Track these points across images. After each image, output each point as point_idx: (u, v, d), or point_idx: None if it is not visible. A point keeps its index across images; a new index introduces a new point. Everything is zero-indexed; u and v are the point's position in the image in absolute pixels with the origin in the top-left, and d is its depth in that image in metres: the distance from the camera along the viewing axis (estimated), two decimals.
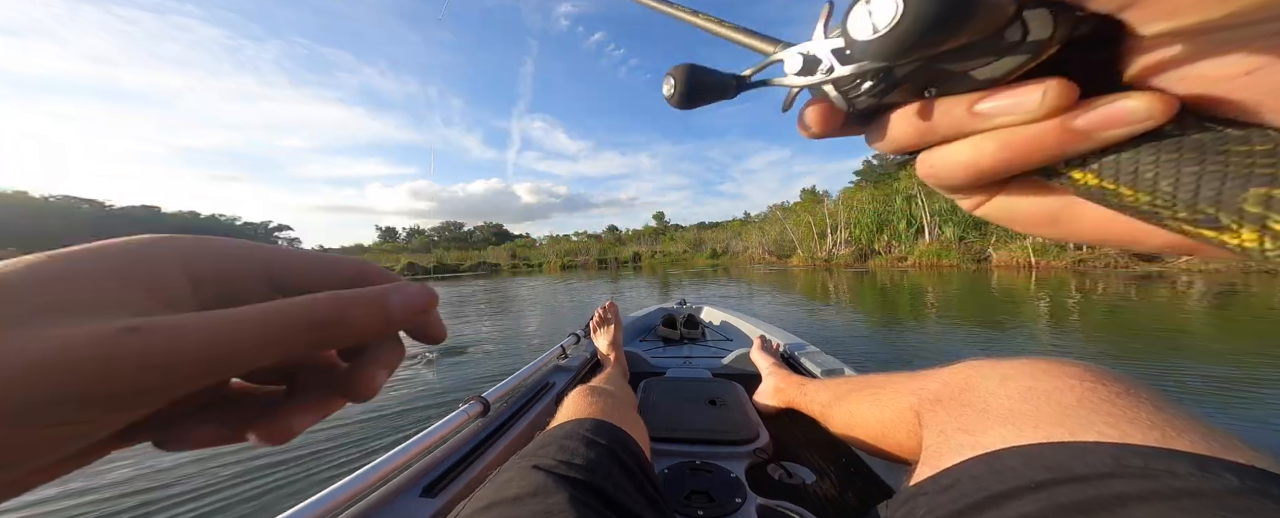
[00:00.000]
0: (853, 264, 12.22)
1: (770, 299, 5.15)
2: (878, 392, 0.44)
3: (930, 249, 10.40)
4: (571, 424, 0.42)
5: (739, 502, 0.46)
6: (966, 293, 5.21)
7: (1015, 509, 0.20)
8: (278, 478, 1.24)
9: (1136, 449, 0.20)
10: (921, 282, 6.65)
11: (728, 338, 1.32)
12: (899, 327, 3.19)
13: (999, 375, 0.30)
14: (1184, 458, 0.19)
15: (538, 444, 0.39)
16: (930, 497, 0.25)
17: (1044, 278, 6.74)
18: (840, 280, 7.61)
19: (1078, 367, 0.28)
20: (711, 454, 0.56)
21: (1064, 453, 0.21)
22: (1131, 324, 3.03)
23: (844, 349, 2.31)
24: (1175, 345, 2.37)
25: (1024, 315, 3.43)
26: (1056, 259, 7.93)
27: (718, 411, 0.67)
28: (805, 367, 0.90)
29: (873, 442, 0.45)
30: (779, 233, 18.09)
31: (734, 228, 25.86)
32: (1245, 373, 1.83)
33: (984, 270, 8.44)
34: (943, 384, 0.34)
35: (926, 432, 0.32)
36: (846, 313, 3.88)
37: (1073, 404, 0.24)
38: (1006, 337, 2.76)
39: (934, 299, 4.69)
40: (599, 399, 0.49)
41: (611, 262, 26.50)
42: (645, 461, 0.42)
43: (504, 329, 3.79)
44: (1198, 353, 2.22)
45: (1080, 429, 0.22)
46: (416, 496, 0.46)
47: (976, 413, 0.28)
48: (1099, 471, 0.20)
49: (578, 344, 1.06)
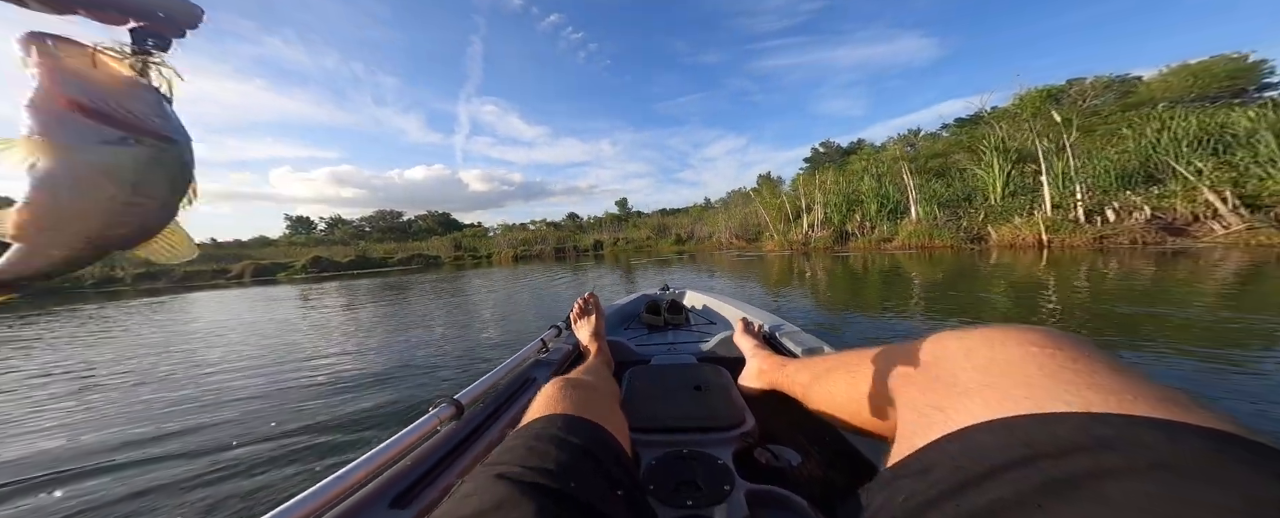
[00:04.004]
0: (832, 248, 10.92)
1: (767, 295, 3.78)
2: (853, 370, 0.45)
3: (919, 230, 9.11)
4: (542, 422, 0.39)
5: (728, 489, 0.46)
6: (971, 276, 4.30)
7: (994, 492, 0.20)
8: (229, 491, 1.10)
9: (1102, 418, 0.20)
10: (913, 265, 5.69)
11: (712, 322, 1.32)
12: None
13: (963, 348, 0.30)
14: (1149, 425, 0.19)
15: (505, 448, 0.36)
16: (909, 481, 0.25)
17: (1058, 257, 5.54)
18: (832, 267, 6.31)
19: (1033, 332, 0.29)
20: (699, 442, 0.55)
21: (1035, 426, 0.22)
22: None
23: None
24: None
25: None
26: (1072, 236, 6.73)
27: (704, 397, 0.67)
28: (786, 347, 0.90)
29: (852, 420, 0.46)
30: (744, 216, 16.96)
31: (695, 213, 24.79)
32: None
33: (983, 251, 7.22)
34: (912, 358, 0.35)
35: (900, 409, 0.33)
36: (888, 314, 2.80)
37: (1035, 372, 0.25)
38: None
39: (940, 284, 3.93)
40: (574, 392, 0.46)
41: (571, 250, 24.50)
42: (626, 458, 0.40)
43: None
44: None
45: (1046, 398, 0.23)
46: (385, 507, 0.43)
47: (946, 387, 0.29)
48: (1071, 444, 0.20)
49: (559, 337, 1.04)
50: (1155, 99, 13.25)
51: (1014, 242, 7.47)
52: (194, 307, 7.45)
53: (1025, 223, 7.52)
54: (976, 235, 8.23)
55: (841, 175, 13.87)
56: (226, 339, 3.60)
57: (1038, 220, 7.27)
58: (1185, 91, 13.96)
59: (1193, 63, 15.15)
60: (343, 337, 3.34)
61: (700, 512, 0.43)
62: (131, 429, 1.61)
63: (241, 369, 2.46)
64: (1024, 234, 7.36)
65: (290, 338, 3.45)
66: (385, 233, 51.81)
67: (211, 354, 2.98)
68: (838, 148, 26.44)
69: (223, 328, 4.34)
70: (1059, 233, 6.91)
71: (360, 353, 2.67)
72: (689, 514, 0.43)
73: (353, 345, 2.96)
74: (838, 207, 12.21)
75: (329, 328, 3.85)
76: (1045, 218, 7.27)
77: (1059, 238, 6.88)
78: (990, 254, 6.49)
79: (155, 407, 1.87)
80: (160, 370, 2.57)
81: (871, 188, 11.60)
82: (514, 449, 0.34)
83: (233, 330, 4.12)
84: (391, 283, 10.04)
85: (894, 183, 11.42)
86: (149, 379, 2.37)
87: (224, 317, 5.47)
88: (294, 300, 7.21)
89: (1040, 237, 7.08)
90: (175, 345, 3.49)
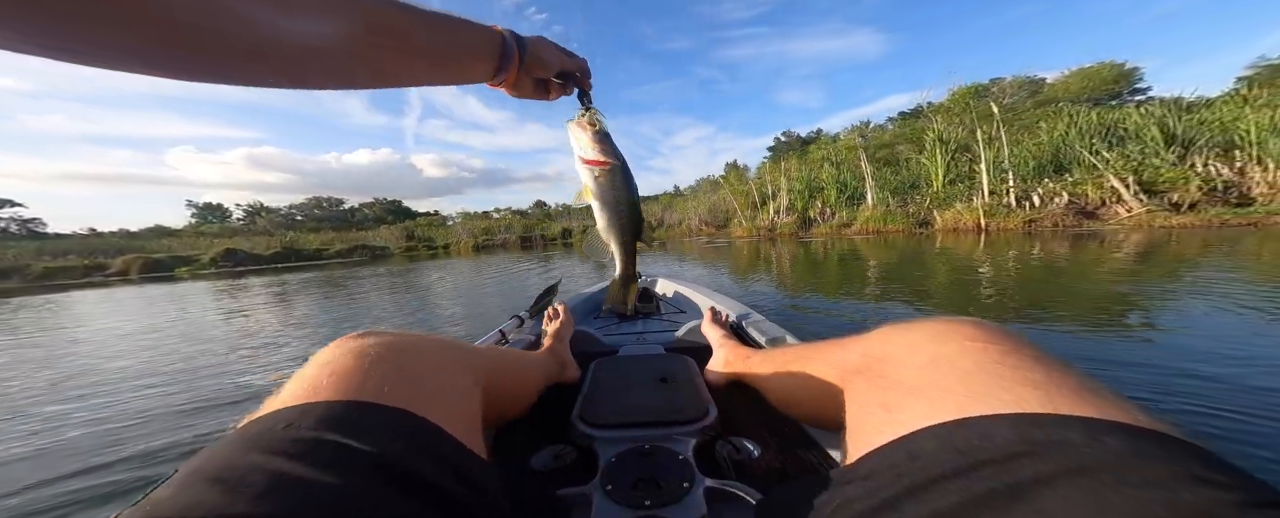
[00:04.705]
0: (797, 233, 11.54)
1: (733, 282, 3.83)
2: (808, 362, 0.46)
3: (876, 215, 9.89)
4: (274, 418, 0.23)
5: (687, 486, 0.44)
6: (922, 260, 4.67)
7: (935, 502, 0.21)
8: None
9: (1032, 418, 0.22)
10: (870, 250, 6.12)
11: (682, 310, 1.33)
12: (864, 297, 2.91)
13: (907, 343, 0.32)
14: (1076, 425, 0.21)
15: (208, 458, 0.21)
16: (854, 486, 0.26)
17: (994, 240, 6.32)
18: (796, 253, 6.67)
19: (969, 327, 0.30)
20: (661, 437, 0.54)
21: (971, 432, 0.23)
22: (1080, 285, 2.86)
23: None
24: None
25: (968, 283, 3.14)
26: (1006, 221, 7.67)
27: (668, 389, 0.66)
28: (752, 337, 0.91)
29: (808, 413, 0.49)
30: (713, 204, 17.32)
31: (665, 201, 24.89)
32: None
33: (930, 235, 8.03)
34: (861, 355, 0.35)
35: (850, 406, 0.33)
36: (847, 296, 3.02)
37: (971, 369, 0.26)
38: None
39: (895, 267, 4.31)
40: (388, 358, 0.29)
41: (538, 239, 23.25)
42: (473, 473, 0.26)
43: None
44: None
45: (981, 398, 0.24)
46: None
47: (891, 385, 0.30)
48: (1006, 451, 0.21)
49: (521, 327, 1.04)
50: (1057, 98, 15.23)
51: (956, 226, 8.35)
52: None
53: (965, 208, 8.42)
54: (924, 220, 9.11)
55: (803, 163, 14.54)
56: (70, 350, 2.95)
57: (977, 207, 8.17)
58: (1080, 92, 16.16)
59: (1087, 66, 17.48)
60: (243, 337, 2.91)
61: (658, 513, 0.41)
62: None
63: (100, 384, 2.03)
64: (965, 219, 8.25)
65: (169, 345, 2.89)
66: (321, 222, 47.00)
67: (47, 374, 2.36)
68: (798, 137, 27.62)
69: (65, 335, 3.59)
70: (995, 217, 7.83)
71: (256, 360, 2.33)
72: (647, 516, 0.41)
73: (248, 352, 2.55)
74: (801, 194, 12.84)
75: (231, 332, 3.30)
76: (984, 204, 8.19)
77: (995, 222, 7.79)
78: (936, 239, 7.15)
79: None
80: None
81: (831, 175, 12.29)
82: (214, 463, 0.20)
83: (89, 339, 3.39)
84: (329, 277, 9.04)
85: (852, 171, 12.23)
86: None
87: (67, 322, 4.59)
88: (193, 299, 6.32)
89: (979, 221, 7.98)
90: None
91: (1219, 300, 2.02)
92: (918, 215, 9.21)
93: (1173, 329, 1.71)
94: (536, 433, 0.60)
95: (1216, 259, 3.25)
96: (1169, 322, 1.81)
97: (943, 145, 10.22)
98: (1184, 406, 1.11)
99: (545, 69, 0.43)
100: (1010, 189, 8.17)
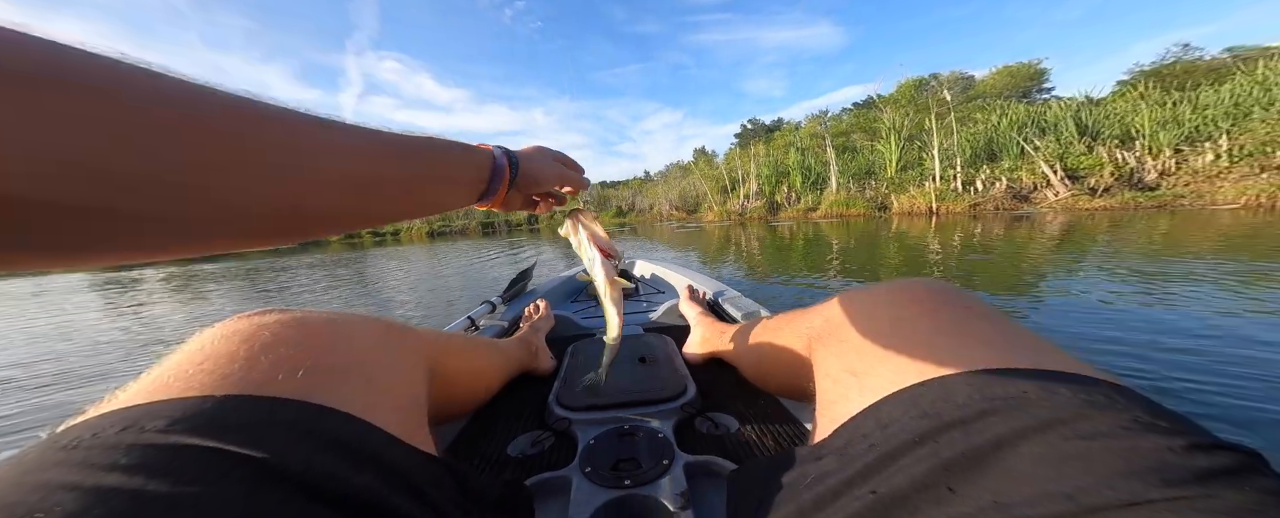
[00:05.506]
0: (766, 217, 12.06)
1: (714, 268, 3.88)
2: (777, 334, 0.46)
3: (839, 199, 10.58)
4: (94, 424, 0.18)
5: (666, 463, 0.44)
6: (883, 240, 5.10)
7: (907, 471, 0.21)
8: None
9: (989, 376, 0.22)
10: (835, 232, 6.53)
11: (660, 290, 1.34)
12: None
13: (866, 307, 0.32)
14: (1031, 379, 0.21)
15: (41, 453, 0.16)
16: (829, 460, 0.25)
17: (944, 222, 7.03)
18: (765, 236, 6.92)
19: (922, 288, 0.31)
20: (641, 417, 0.54)
21: (934, 393, 0.23)
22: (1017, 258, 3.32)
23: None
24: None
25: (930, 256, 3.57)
26: (954, 204, 8.53)
27: (647, 368, 0.66)
28: (728, 312, 0.93)
29: (781, 384, 0.49)
30: (683, 189, 17.55)
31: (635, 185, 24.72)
32: None
33: (888, 218, 8.75)
34: (825, 321, 0.35)
35: (817, 374, 0.33)
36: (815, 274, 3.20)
37: (929, 330, 0.27)
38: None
39: (857, 246, 4.70)
40: (281, 345, 0.23)
41: (501, 225, 22.21)
42: (365, 466, 0.20)
43: None
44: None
45: (941, 358, 0.25)
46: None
47: (855, 350, 0.30)
48: (970, 411, 0.21)
49: (494, 313, 1.03)
50: (986, 94, 16.96)
51: (911, 209, 9.17)
52: None
53: (919, 193, 9.25)
54: (882, 204, 9.89)
55: (770, 150, 15.09)
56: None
57: (929, 191, 9.00)
58: (1004, 88, 18.07)
59: (1012, 65, 19.50)
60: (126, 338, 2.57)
61: (637, 491, 0.41)
62: None
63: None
64: (918, 203, 9.08)
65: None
66: None
67: None
68: (763, 125, 28.33)
69: None
70: (945, 201, 8.68)
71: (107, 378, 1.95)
72: (627, 495, 0.41)
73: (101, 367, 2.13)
74: (769, 179, 13.36)
75: (114, 336, 2.86)
76: (935, 189, 9.04)
77: (944, 205, 8.64)
78: (892, 222, 7.72)
79: None
80: None
81: (796, 161, 12.88)
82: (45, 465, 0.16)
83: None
84: (247, 269, 7.93)
85: (816, 157, 12.92)
86: None
87: None
88: (48, 298, 5.20)
89: (930, 205, 8.81)
90: None
91: (1123, 274, 2.35)
92: (876, 200, 9.98)
93: (1083, 296, 1.91)
94: (516, 422, 0.58)
95: (1128, 237, 3.82)
96: (1084, 290, 2.00)
97: (896, 134, 11.07)
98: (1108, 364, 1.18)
99: (540, 187, 0.38)
100: (956, 175, 9.06)
